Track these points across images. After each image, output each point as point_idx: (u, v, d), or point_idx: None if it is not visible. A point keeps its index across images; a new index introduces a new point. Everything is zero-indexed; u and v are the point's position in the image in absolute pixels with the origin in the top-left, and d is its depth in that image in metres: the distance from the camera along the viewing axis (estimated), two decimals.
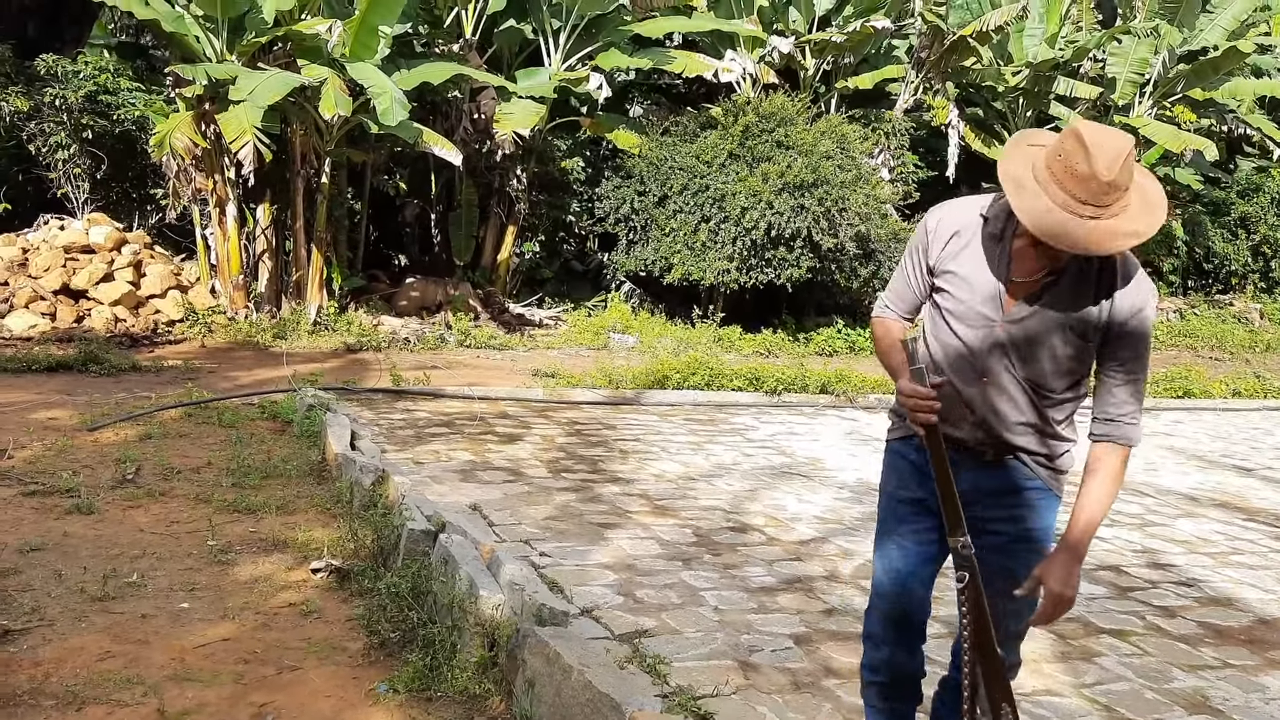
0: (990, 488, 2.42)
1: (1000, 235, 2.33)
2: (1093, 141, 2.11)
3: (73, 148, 12.01)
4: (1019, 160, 2.23)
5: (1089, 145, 2.10)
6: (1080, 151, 2.11)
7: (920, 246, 2.46)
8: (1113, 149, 2.10)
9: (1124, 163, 2.10)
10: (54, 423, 6.59)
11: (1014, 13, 13.97)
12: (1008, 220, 2.31)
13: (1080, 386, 2.39)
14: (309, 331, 11.14)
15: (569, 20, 12.93)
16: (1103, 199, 2.10)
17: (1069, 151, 2.12)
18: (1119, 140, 2.12)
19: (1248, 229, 19.38)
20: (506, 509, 5.22)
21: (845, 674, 3.53)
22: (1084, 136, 2.12)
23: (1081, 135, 2.12)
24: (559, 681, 2.95)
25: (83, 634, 3.52)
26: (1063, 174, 2.12)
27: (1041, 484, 2.42)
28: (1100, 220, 2.11)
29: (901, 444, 2.55)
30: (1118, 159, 2.09)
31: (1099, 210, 2.10)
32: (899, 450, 2.56)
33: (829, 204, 12.47)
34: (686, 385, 9.24)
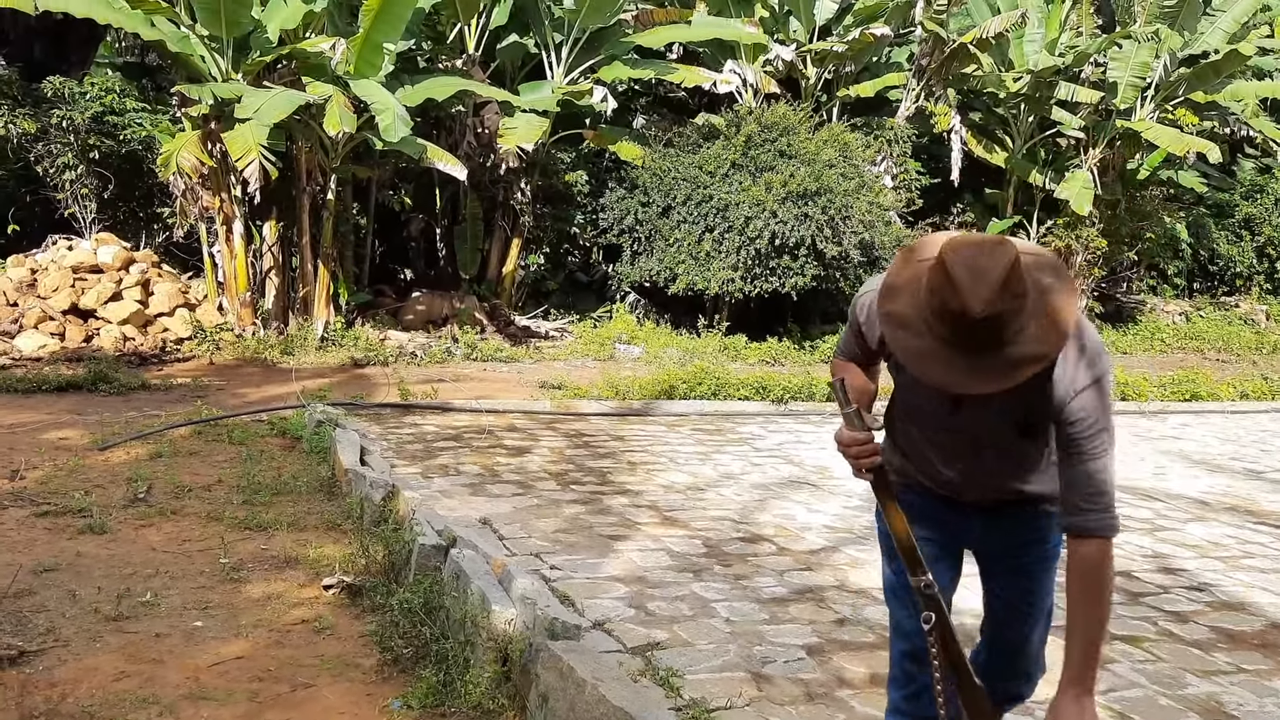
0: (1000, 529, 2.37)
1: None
2: (960, 275, 1.83)
3: (80, 168, 12.09)
4: (906, 290, 1.97)
5: (956, 281, 1.83)
6: (948, 288, 1.84)
7: (855, 329, 2.28)
8: (985, 280, 1.82)
9: (1001, 290, 1.82)
10: (65, 443, 6.63)
11: (1013, 20, 14.02)
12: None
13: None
14: (316, 347, 11.19)
15: (570, 34, 13.00)
16: (986, 336, 1.85)
17: (938, 287, 1.86)
18: (993, 262, 1.83)
19: (1252, 230, 19.35)
20: (516, 522, 5.24)
21: (858, 684, 3.53)
22: (950, 269, 1.84)
23: (948, 268, 1.84)
24: (572, 696, 2.96)
25: (98, 654, 3.54)
26: (939, 310, 1.87)
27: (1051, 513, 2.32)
28: (997, 353, 1.87)
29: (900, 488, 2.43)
30: (993, 291, 1.81)
31: (991, 344, 1.86)
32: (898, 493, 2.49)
33: (832, 212, 12.51)
34: (693, 395, 9.26)
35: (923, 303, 1.91)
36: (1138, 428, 9.52)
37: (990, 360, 1.87)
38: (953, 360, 1.89)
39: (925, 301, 1.90)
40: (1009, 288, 1.83)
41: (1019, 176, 16.18)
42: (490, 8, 12.82)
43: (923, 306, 1.91)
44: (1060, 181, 15.63)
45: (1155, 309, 18.59)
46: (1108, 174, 16.16)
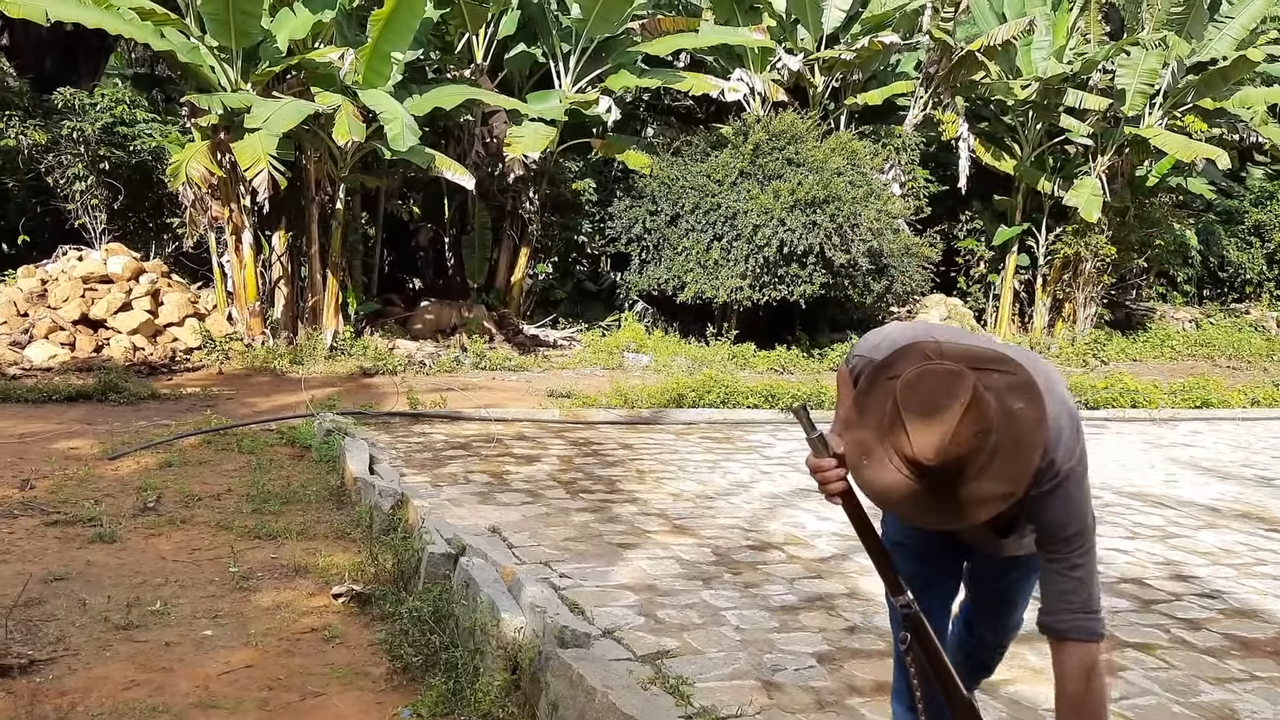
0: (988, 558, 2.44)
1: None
2: (913, 420, 1.76)
3: (90, 179, 12.17)
4: (871, 410, 1.86)
5: (909, 426, 1.76)
6: (901, 432, 1.78)
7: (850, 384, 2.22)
8: (939, 426, 1.74)
9: (955, 436, 1.74)
10: (75, 452, 6.65)
11: (1021, 27, 14.02)
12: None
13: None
14: (325, 356, 11.21)
15: (579, 44, 13.05)
16: (944, 478, 1.78)
17: (890, 426, 1.80)
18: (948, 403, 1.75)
19: (1262, 237, 19.29)
20: (525, 530, 5.23)
21: (869, 692, 3.51)
22: (904, 412, 1.77)
23: (901, 411, 1.77)
24: (583, 704, 2.95)
25: (107, 663, 3.54)
26: (895, 449, 1.80)
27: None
28: (958, 490, 1.79)
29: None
30: (945, 438, 1.74)
31: (948, 484, 1.79)
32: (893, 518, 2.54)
33: (841, 220, 12.51)
34: (702, 403, 9.25)
35: (883, 433, 1.82)
36: (1149, 435, 9.48)
37: (951, 499, 1.80)
38: (916, 496, 1.81)
39: (885, 434, 1.81)
40: (965, 430, 1.74)
41: (1027, 184, 16.16)
42: (498, 18, 12.88)
43: (885, 438, 1.82)
44: (1069, 189, 15.60)
45: (1165, 316, 18.53)
46: (1116, 181, 16.13)
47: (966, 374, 1.79)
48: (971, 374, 1.79)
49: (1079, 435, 1.98)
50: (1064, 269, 16.51)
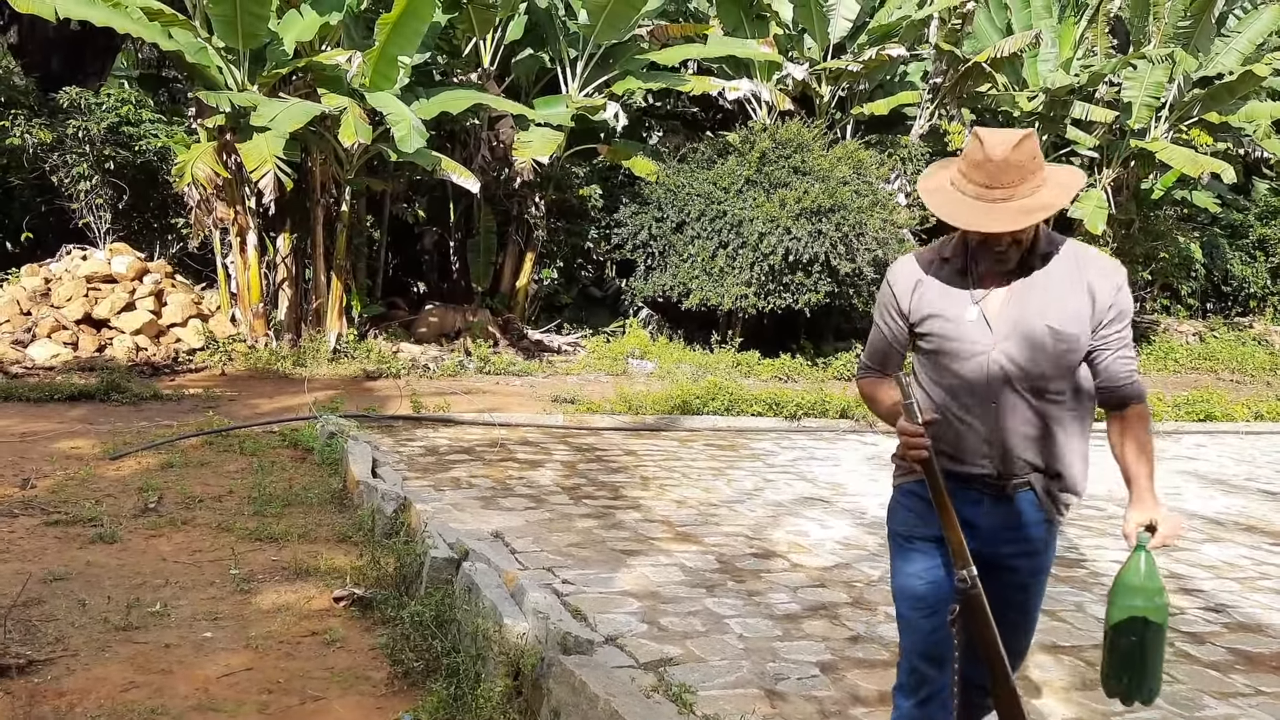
0: (1006, 524, 2.47)
1: (963, 268, 2.43)
2: (985, 132, 2.34)
3: (95, 178, 12.17)
4: (937, 175, 2.45)
5: (982, 136, 2.32)
6: (975, 142, 2.32)
7: (888, 304, 2.54)
8: (1004, 135, 2.31)
9: (1017, 145, 2.28)
10: (76, 452, 6.63)
11: (1027, 40, 14.01)
12: (965, 250, 2.43)
13: (1081, 394, 2.42)
14: (329, 359, 11.20)
15: (586, 49, 13.05)
16: (1004, 179, 2.27)
17: (969, 149, 2.34)
18: (1011, 130, 2.33)
19: (1266, 251, 19.27)
20: (529, 536, 5.21)
21: (872, 702, 3.48)
22: (979, 131, 2.36)
23: (977, 131, 2.37)
24: (585, 711, 2.92)
25: (106, 664, 3.52)
26: (968, 168, 2.32)
27: (1048, 519, 2.49)
28: (1011, 201, 2.27)
29: (911, 485, 2.56)
30: (1009, 142, 2.29)
31: (1007, 191, 2.27)
32: (908, 491, 2.58)
33: (846, 229, 12.49)
34: (706, 411, 9.22)
35: (954, 172, 2.37)
36: None
37: (1006, 205, 2.28)
38: (975, 206, 2.30)
39: (957, 169, 2.36)
40: (1022, 147, 2.28)
41: None
42: (506, 23, 12.89)
43: (954, 175, 2.36)
44: (1074, 200, 15.58)
45: (1169, 329, 18.50)
46: (1122, 193, 16.11)
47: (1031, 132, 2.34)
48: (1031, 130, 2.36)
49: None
50: None
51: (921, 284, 2.46)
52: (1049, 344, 2.34)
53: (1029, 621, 2.59)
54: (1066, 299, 2.35)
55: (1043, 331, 2.34)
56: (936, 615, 2.48)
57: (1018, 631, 2.55)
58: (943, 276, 2.44)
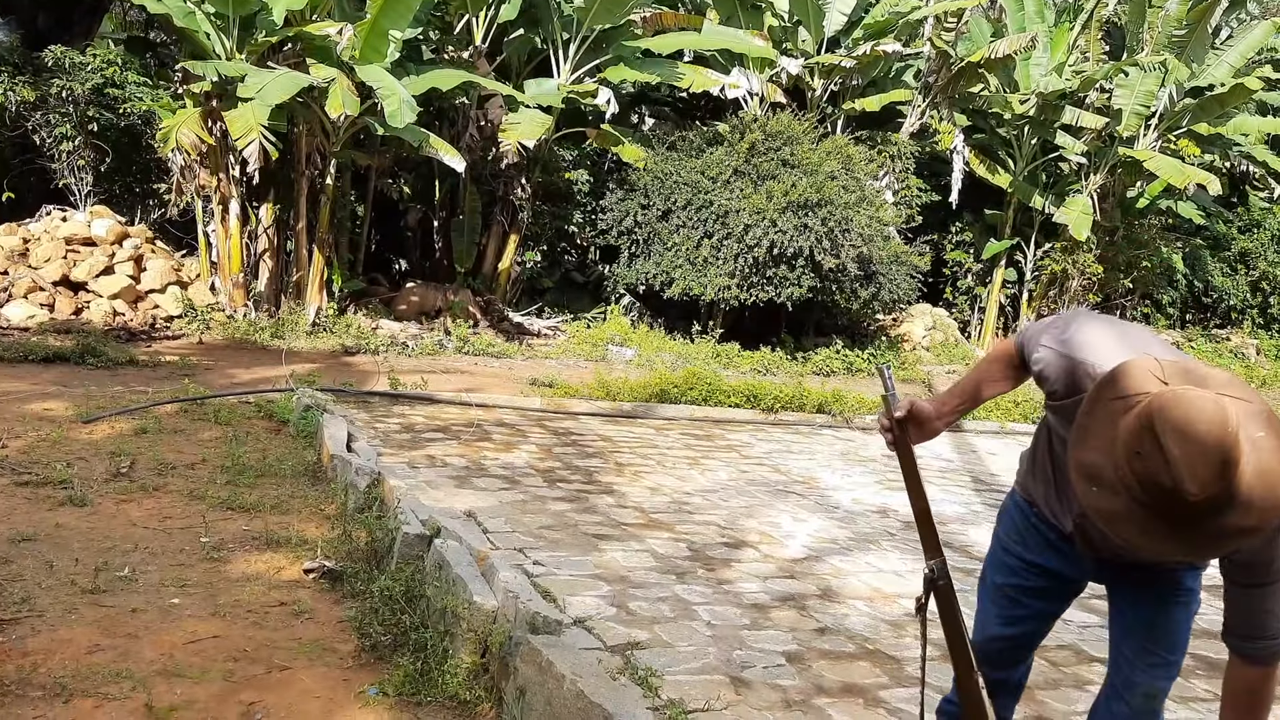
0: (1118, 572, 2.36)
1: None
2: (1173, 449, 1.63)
3: (77, 140, 12.01)
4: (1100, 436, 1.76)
5: (1169, 456, 1.63)
6: (1158, 460, 1.65)
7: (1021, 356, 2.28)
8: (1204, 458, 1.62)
9: (1221, 470, 1.61)
10: (49, 414, 6.57)
11: (1023, 42, 14.06)
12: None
13: None
14: (307, 332, 11.14)
15: (579, 32, 12.99)
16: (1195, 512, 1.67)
17: (1147, 454, 1.66)
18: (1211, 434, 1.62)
19: (1247, 265, 19.47)
20: (501, 516, 5.21)
21: (836, 693, 3.51)
22: (1162, 439, 1.64)
23: (1159, 436, 1.64)
24: (550, 690, 2.93)
25: (72, 626, 3.50)
26: (1142, 477, 1.67)
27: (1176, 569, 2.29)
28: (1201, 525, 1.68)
29: (1024, 501, 2.47)
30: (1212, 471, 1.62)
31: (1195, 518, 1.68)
32: (1020, 505, 2.49)
33: (832, 224, 12.51)
34: (684, 400, 9.24)
35: (1120, 459, 1.71)
36: None
37: (1192, 532, 1.69)
38: (1150, 526, 1.71)
39: (1124, 460, 1.70)
40: (1230, 465, 1.62)
41: (1019, 198, 16.23)
42: (499, 1, 12.80)
43: (1120, 463, 1.70)
44: (1060, 205, 15.69)
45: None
46: (1107, 201, 16.23)
47: (1223, 402, 1.67)
48: (1230, 403, 1.67)
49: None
50: (1050, 285, 16.61)
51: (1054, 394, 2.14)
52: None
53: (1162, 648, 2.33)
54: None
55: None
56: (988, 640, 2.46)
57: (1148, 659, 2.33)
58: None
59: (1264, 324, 19.75)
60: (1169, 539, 1.71)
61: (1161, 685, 2.36)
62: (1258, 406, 1.72)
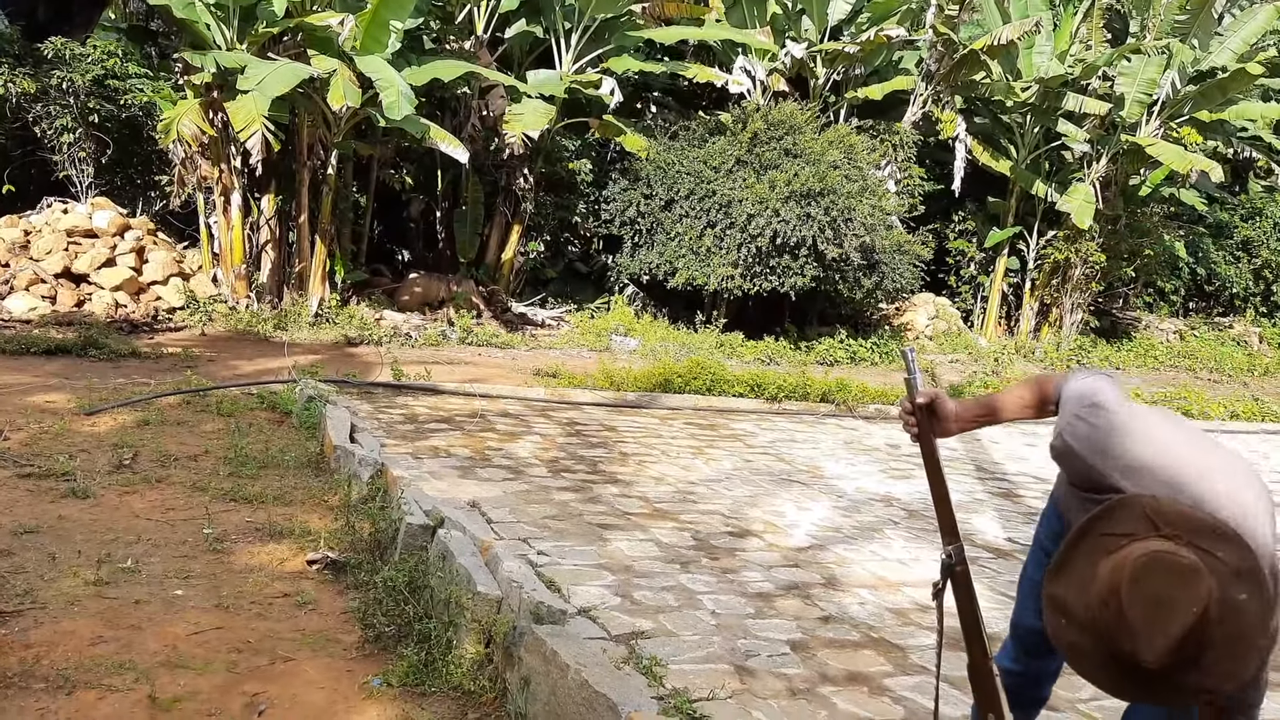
0: None
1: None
2: (1136, 617, 1.65)
3: (78, 131, 11.99)
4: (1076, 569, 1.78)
5: (1131, 623, 1.65)
6: (1123, 621, 1.67)
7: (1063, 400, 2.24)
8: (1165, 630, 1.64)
9: (1181, 643, 1.64)
10: (51, 406, 6.56)
11: (1026, 28, 13.98)
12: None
13: None
14: (310, 323, 11.12)
15: (581, 22, 12.93)
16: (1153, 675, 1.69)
17: (1113, 611, 1.69)
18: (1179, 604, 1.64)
19: (1250, 252, 19.41)
20: (505, 507, 5.20)
21: (841, 681, 3.51)
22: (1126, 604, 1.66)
23: (1124, 602, 1.66)
24: (555, 680, 2.93)
25: (75, 618, 3.49)
26: (1105, 629, 1.71)
27: None
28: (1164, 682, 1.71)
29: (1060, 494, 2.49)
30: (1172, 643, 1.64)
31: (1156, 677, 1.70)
32: (1054, 500, 2.53)
33: (835, 214, 12.48)
34: (688, 390, 9.22)
35: (1091, 603, 1.72)
36: None
37: (1149, 687, 1.72)
38: (1109, 672, 1.75)
39: (1095, 605, 1.71)
40: (1192, 638, 1.63)
41: (1022, 186, 16.17)
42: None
43: (1090, 605, 1.72)
44: (1063, 193, 15.63)
45: (1150, 326, 18.63)
46: (1110, 189, 16.17)
47: (1202, 573, 1.65)
48: (1208, 575, 1.65)
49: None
50: (1053, 274, 16.56)
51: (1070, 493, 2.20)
52: None
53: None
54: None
55: None
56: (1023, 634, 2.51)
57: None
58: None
59: (1266, 312, 19.70)
60: (1125, 689, 1.74)
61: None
62: (1249, 564, 1.69)
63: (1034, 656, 2.43)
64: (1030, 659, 2.46)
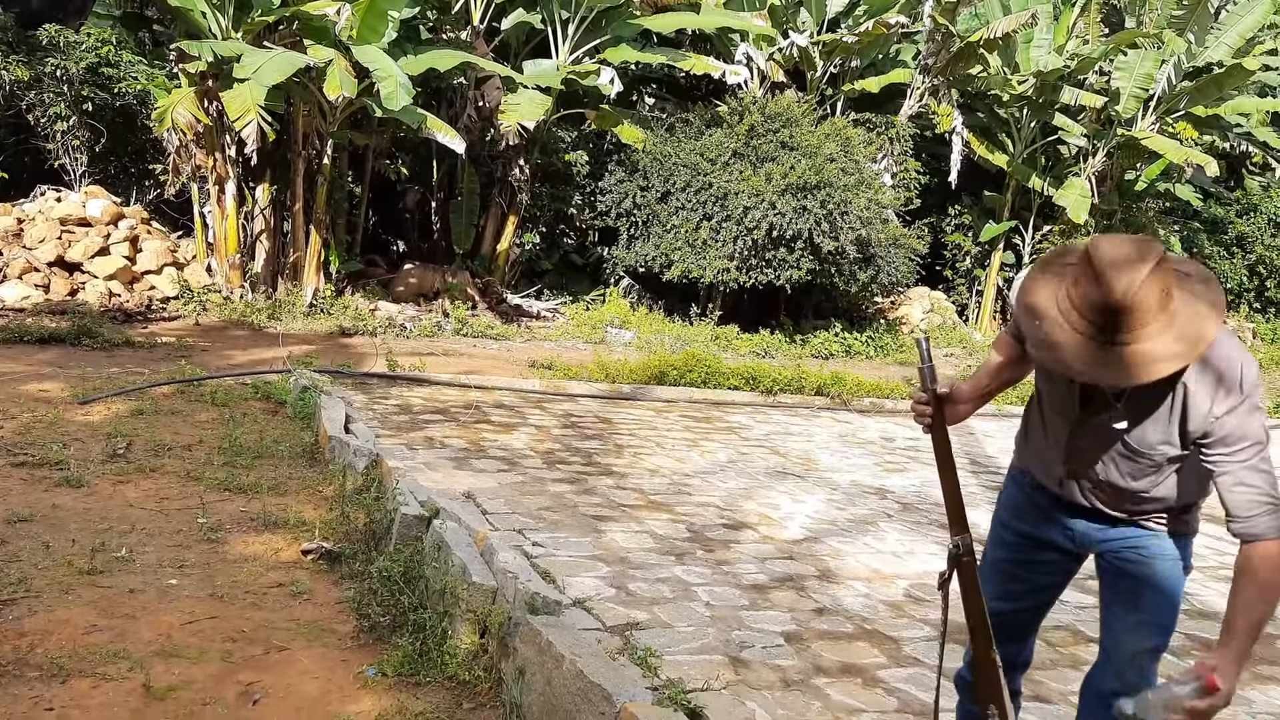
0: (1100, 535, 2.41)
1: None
2: (1103, 262, 1.92)
3: (72, 119, 11.93)
4: (1046, 285, 2.07)
5: (1099, 268, 1.92)
6: (1090, 275, 1.94)
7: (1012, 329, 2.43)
8: (1129, 269, 1.89)
9: (1144, 280, 1.89)
10: (45, 395, 6.54)
11: (1023, 20, 13.98)
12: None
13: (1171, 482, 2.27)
14: (304, 314, 11.10)
15: (578, 12, 12.89)
16: (1125, 324, 1.92)
17: (1081, 276, 1.96)
18: (1138, 255, 1.91)
19: (1244, 248, 19.44)
20: (500, 498, 5.20)
21: (835, 673, 3.52)
22: (1094, 259, 1.94)
23: (1091, 258, 1.94)
24: (550, 670, 2.93)
25: (69, 607, 3.49)
26: (1080, 301, 1.96)
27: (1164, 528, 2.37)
28: (1132, 346, 1.93)
29: (1018, 472, 2.57)
30: (1134, 278, 1.89)
31: (1127, 336, 1.93)
32: (1015, 478, 2.58)
33: (831, 206, 12.47)
34: (683, 382, 9.22)
35: (1063, 295, 2.00)
36: None
37: (1122, 353, 1.94)
38: (1085, 350, 1.97)
39: (1067, 293, 1.99)
40: (1152, 279, 1.90)
41: (1018, 181, 16.18)
42: None
43: (1062, 299, 2.00)
44: (1059, 188, 15.63)
45: None
46: (1105, 184, 16.19)
47: (1155, 242, 1.97)
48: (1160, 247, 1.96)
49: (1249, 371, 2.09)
50: None
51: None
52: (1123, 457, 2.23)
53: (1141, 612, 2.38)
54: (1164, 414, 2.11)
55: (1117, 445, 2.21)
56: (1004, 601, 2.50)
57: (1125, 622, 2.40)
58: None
59: (1261, 307, 19.74)
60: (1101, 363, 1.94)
61: (1148, 645, 2.40)
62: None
63: (1001, 642, 2.44)
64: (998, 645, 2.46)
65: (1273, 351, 17.74)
